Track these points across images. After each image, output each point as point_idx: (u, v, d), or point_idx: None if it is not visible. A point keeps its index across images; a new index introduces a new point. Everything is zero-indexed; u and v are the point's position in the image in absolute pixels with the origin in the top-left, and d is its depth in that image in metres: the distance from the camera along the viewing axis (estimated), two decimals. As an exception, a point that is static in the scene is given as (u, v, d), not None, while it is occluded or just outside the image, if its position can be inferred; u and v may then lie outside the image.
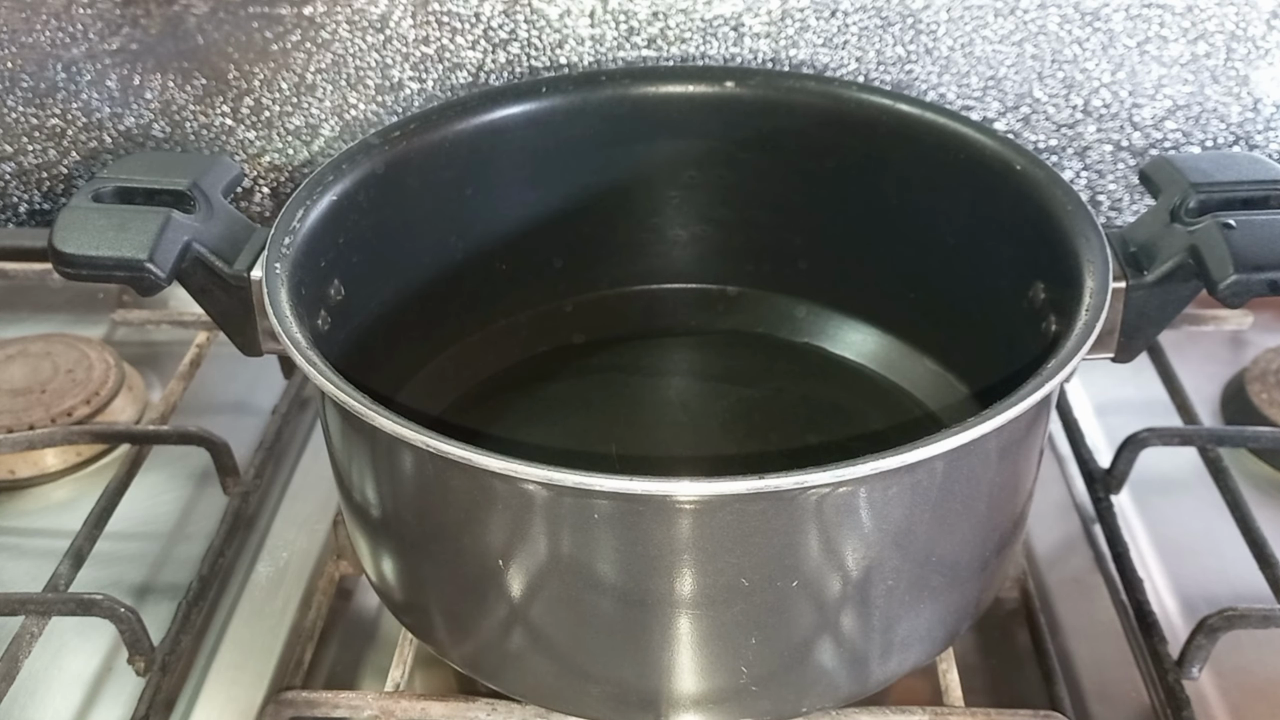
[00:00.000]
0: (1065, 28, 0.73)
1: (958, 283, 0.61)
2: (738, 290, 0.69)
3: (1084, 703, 0.54)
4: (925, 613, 0.48)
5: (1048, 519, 0.64)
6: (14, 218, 0.84)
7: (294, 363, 0.46)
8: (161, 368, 0.75)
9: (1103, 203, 0.79)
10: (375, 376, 0.54)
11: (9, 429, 0.67)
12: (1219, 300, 0.49)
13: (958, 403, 0.62)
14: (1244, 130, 0.76)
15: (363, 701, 0.52)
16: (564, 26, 0.75)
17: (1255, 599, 0.56)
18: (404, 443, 0.43)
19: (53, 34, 0.77)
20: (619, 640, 0.46)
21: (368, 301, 0.58)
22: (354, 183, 0.57)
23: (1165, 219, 0.53)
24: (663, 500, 0.42)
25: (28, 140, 0.81)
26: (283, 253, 0.51)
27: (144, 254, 0.51)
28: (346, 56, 0.77)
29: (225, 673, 0.56)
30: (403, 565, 0.51)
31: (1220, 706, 0.54)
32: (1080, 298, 0.49)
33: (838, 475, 0.41)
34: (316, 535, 0.63)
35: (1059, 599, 0.59)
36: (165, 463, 0.67)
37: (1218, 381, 0.72)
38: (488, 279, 0.65)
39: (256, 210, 0.82)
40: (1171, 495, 0.65)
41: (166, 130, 0.80)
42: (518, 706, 0.51)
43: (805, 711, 0.49)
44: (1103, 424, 0.70)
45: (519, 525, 0.44)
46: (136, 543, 0.63)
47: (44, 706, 0.55)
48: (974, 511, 0.47)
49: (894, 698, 0.53)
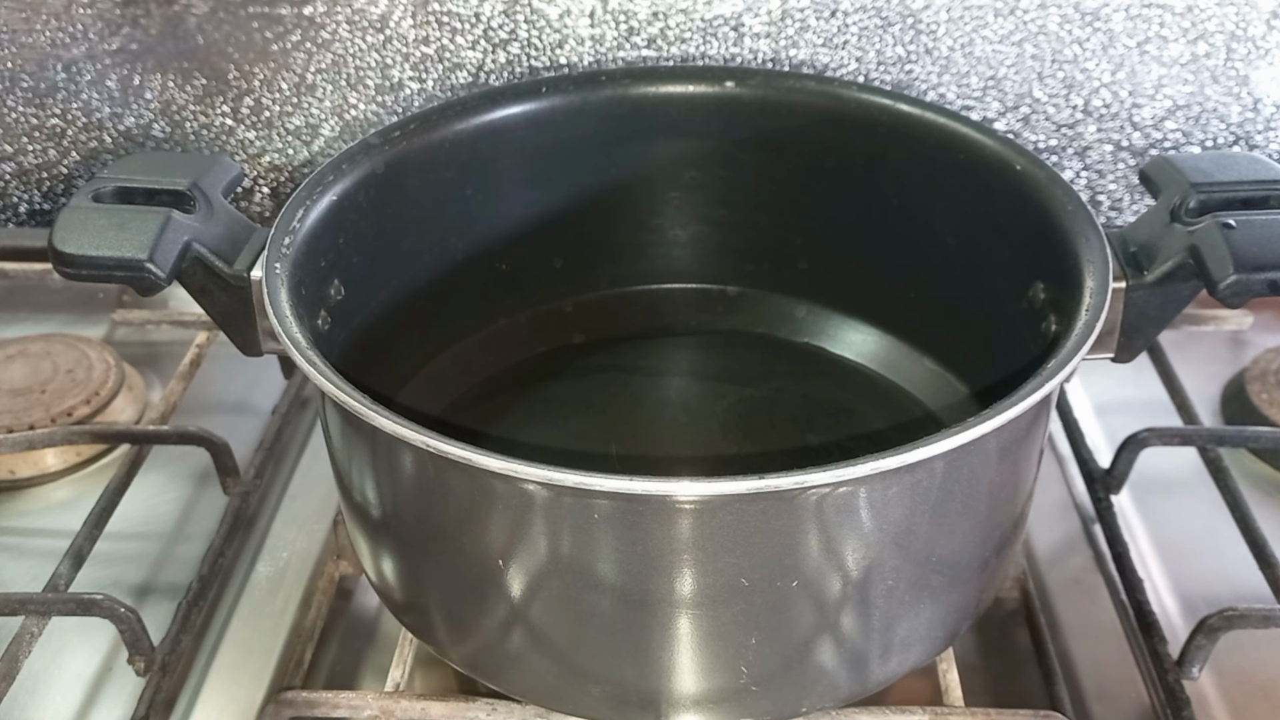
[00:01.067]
0: (1065, 28, 0.73)
1: (958, 282, 0.61)
2: (738, 290, 0.69)
3: (1084, 703, 0.54)
4: (925, 613, 0.48)
5: (1048, 519, 0.64)
6: (14, 218, 0.84)
7: (294, 363, 0.46)
8: (161, 368, 0.75)
9: (1103, 203, 0.79)
10: (375, 376, 0.54)
11: (9, 429, 0.67)
12: (1219, 300, 0.49)
13: (958, 403, 0.62)
14: (1244, 130, 0.76)
15: (363, 701, 0.52)
16: (564, 26, 0.75)
17: (1255, 599, 0.56)
18: (404, 443, 0.43)
19: (53, 34, 0.77)
20: (619, 640, 0.46)
21: (368, 301, 0.58)
22: (354, 183, 0.57)
23: (1165, 219, 0.53)
24: (663, 500, 0.42)
25: (28, 140, 0.81)
26: (283, 253, 0.51)
27: (144, 254, 0.51)
28: (346, 56, 0.77)
29: (225, 673, 0.56)
30: (403, 565, 0.51)
31: (1220, 706, 0.54)
32: (1080, 298, 0.49)
33: (838, 475, 0.41)
34: (316, 535, 0.63)
35: (1059, 599, 0.59)
36: (165, 463, 0.67)
37: (1218, 381, 0.72)
38: (488, 279, 0.65)
39: (256, 210, 0.82)
40: (1171, 495, 0.65)
41: (166, 130, 0.80)
42: (518, 706, 0.51)
43: (805, 711, 0.49)
44: (1103, 424, 0.70)
45: (519, 525, 0.44)
46: (136, 543, 0.63)
47: (44, 706, 0.55)
48: (974, 511, 0.47)
49: (894, 698, 0.53)
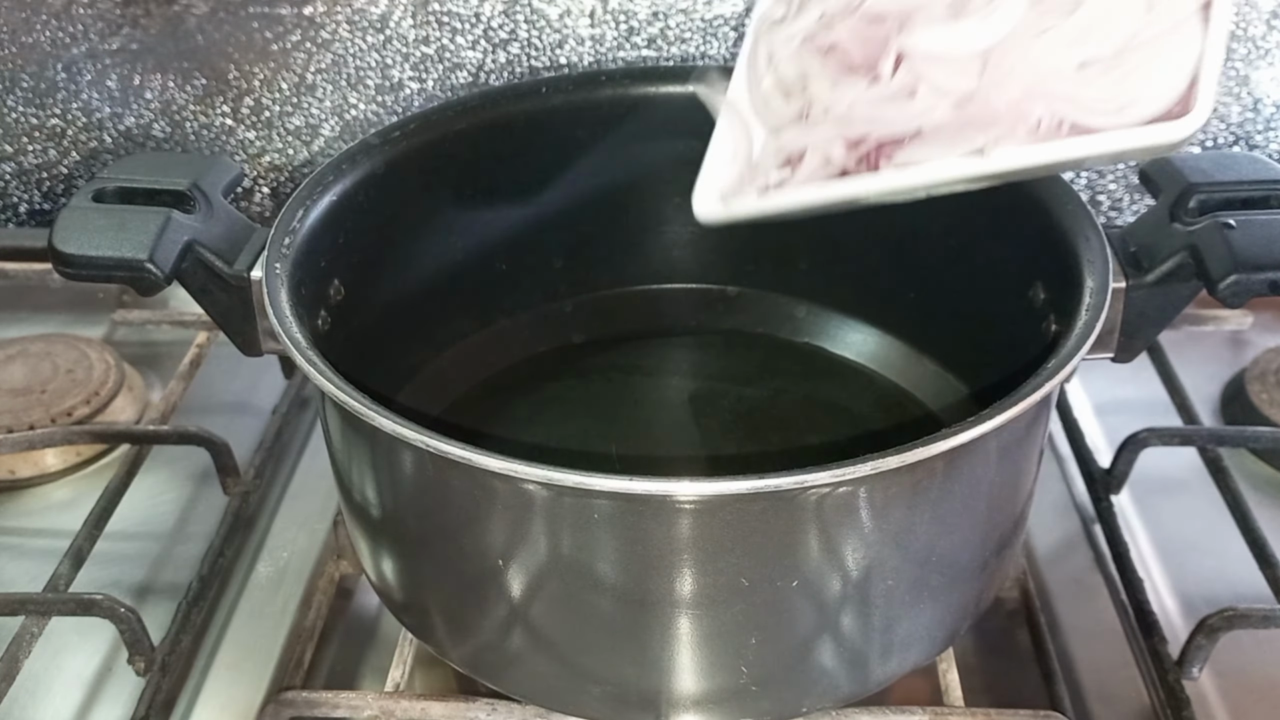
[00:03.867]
0: (1065, 28, 0.73)
1: (958, 282, 0.61)
2: (738, 290, 0.69)
3: (1084, 703, 0.54)
4: (925, 613, 0.48)
5: (1048, 519, 0.64)
6: (14, 218, 0.84)
7: (294, 363, 0.46)
8: (161, 368, 0.75)
9: (1103, 203, 0.79)
10: (375, 376, 0.54)
11: (9, 429, 0.67)
12: (1219, 300, 0.49)
13: (958, 403, 0.62)
14: (1244, 130, 0.76)
15: (363, 701, 0.52)
16: (564, 26, 0.75)
17: (1255, 599, 0.56)
18: (404, 443, 0.43)
19: (53, 34, 0.77)
20: (619, 640, 0.46)
21: (368, 301, 0.58)
22: (354, 183, 0.57)
23: (1165, 219, 0.53)
24: (663, 500, 0.42)
25: (28, 140, 0.81)
26: (283, 253, 0.51)
27: (144, 254, 0.51)
28: (346, 56, 0.77)
29: (225, 673, 0.56)
30: (403, 565, 0.51)
31: (1220, 706, 0.54)
32: (1080, 298, 0.49)
33: (838, 475, 0.41)
34: (316, 535, 0.63)
35: (1059, 599, 0.59)
36: (165, 463, 0.67)
37: (1218, 381, 0.72)
38: (488, 279, 0.65)
39: (256, 210, 0.82)
40: (1171, 495, 0.65)
41: (166, 130, 0.80)
42: (518, 706, 0.51)
43: (805, 711, 0.49)
44: (1103, 424, 0.70)
45: (519, 525, 0.44)
46: (136, 543, 0.63)
47: (44, 706, 0.55)
48: (974, 511, 0.47)
49: (894, 698, 0.53)
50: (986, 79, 0.47)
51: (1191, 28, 0.46)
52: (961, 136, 0.48)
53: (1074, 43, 0.47)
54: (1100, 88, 0.46)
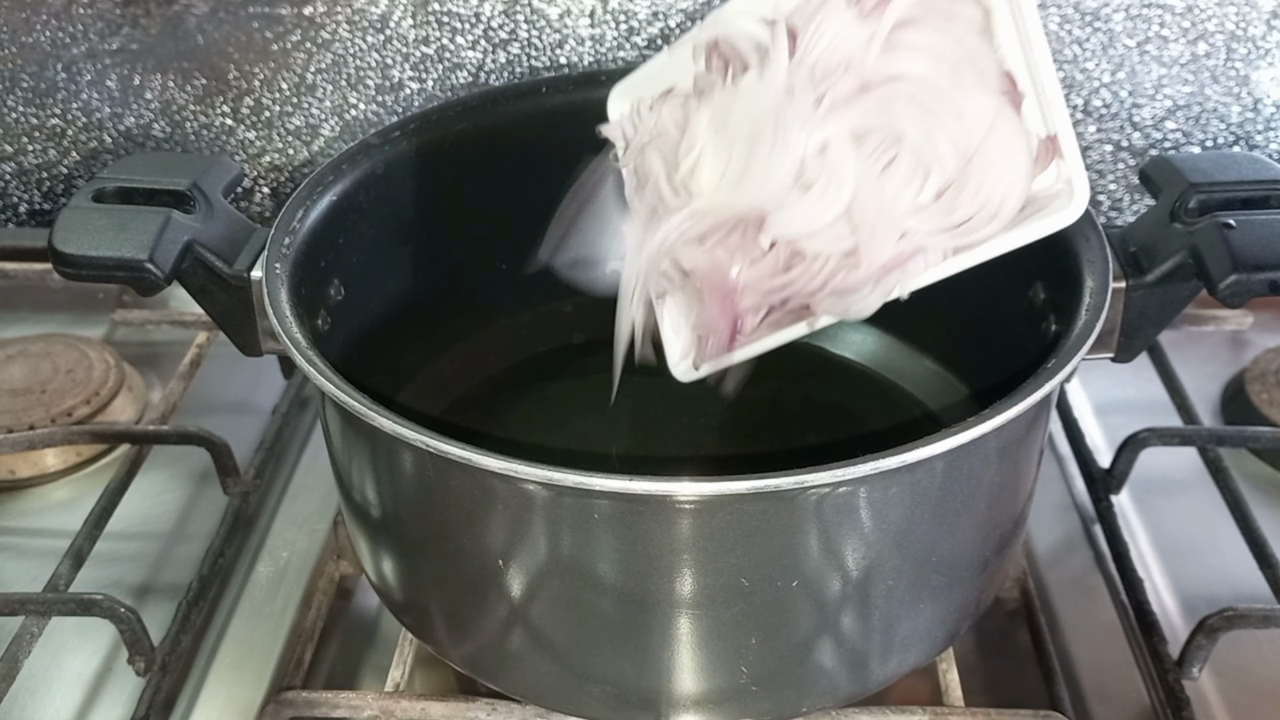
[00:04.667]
0: (1065, 28, 0.73)
1: (957, 282, 0.61)
2: (738, 290, 0.69)
3: (1084, 703, 0.54)
4: (925, 613, 0.48)
5: (1048, 519, 0.64)
6: (14, 218, 0.84)
7: (294, 363, 0.46)
8: (161, 368, 0.75)
9: (1103, 203, 0.79)
10: (375, 376, 0.54)
11: (9, 429, 0.67)
12: (1219, 300, 0.49)
13: (958, 403, 0.62)
14: (1244, 130, 0.76)
15: (363, 701, 0.52)
16: (564, 26, 0.75)
17: (1255, 599, 0.56)
18: (404, 443, 0.43)
19: (53, 34, 0.77)
20: (619, 640, 0.46)
21: (368, 301, 0.58)
22: (354, 183, 0.57)
23: (1165, 219, 0.53)
24: (663, 500, 0.42)
25: (28, 140, 0.81)
26: (283, 253, 0.51)
27: (144, 254, 0.51)
28: (346, 56, 0.77)
29: (225, 673, 0.56)
30: (403, 565, 0.51)
31: (1220, 706, 0.54)
32: (1080, 298, 0.49)
33: (838, 475, 0.41)
34: (316, 535, 0.63)
35: (1059, 599, 0.59)
36: (165, 463, 0.67)
37: (1218, 381, 0.72)
38: (488, 279, 0.65)
39: (256, 210, 0.82)
40: (1171, 495, 0.65)
41: (166, 130, 0.80)
42: (518, 706, 0.51)
43: (805, 711, 0.49)
44: (1103, 424, 0.70)
45: (519, 525, 0.44)
46: (136, 543, 0.63)
47: (44, 706, 0.55)
48: (974, 511, 0.47)
49: (894, 698, 0.53)
50: (861, 236, 0.47)
51: (1005, 115, 0.46)
52: (867, 280, 0.48)
53: (915, 177, 0.47)
54: (964, 209, 0.47)
